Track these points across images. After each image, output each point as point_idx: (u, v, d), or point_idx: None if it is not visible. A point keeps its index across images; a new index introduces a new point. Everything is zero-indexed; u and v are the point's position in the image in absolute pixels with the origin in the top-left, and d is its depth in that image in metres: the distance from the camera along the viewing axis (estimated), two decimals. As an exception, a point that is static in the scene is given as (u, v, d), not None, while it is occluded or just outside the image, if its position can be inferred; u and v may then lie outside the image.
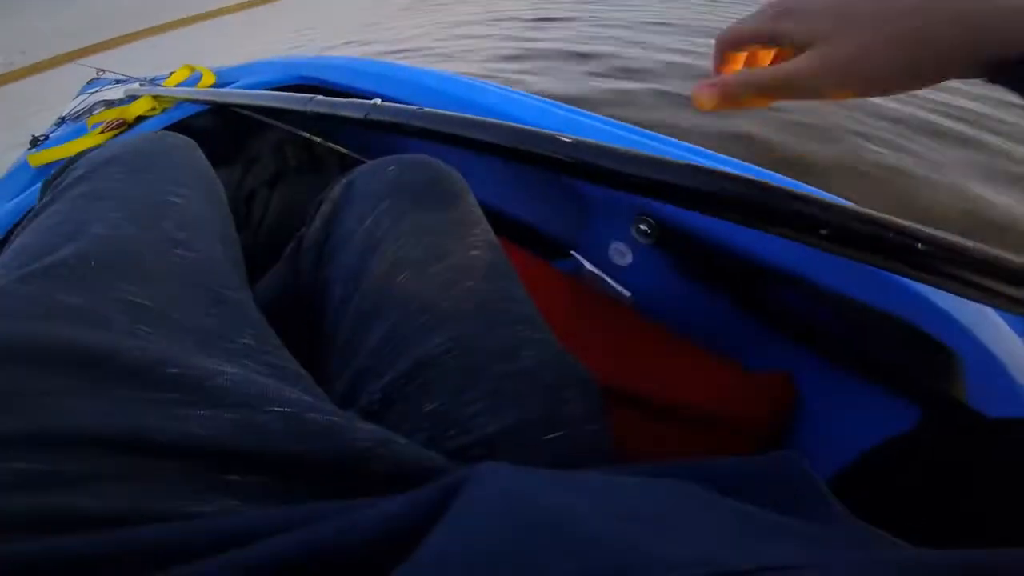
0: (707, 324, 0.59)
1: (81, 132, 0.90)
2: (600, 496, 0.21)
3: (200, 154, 0.47)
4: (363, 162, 0.48)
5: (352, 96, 0.60)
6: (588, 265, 0.66)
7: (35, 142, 0.95)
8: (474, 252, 0.39)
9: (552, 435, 0.32)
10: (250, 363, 0.30)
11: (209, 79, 0.99)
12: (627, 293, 0.64)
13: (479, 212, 0.43)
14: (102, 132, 0.85)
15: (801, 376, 0.53)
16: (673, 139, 0.64)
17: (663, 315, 0.61)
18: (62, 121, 1.02)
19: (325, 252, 0.44)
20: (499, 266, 0.39)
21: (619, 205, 0.63)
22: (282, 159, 0.97)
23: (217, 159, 0.53)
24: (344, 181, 0.46)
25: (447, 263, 0.38)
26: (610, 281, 0.65)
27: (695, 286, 0.60)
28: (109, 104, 0.95)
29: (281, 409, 0.25)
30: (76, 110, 1.01)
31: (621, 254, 0.65)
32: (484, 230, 0.42)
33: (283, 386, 0.27)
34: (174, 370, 0.25)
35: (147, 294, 0.29)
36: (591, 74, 2.44)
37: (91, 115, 0.92)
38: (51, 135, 0.97)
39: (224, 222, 0.42)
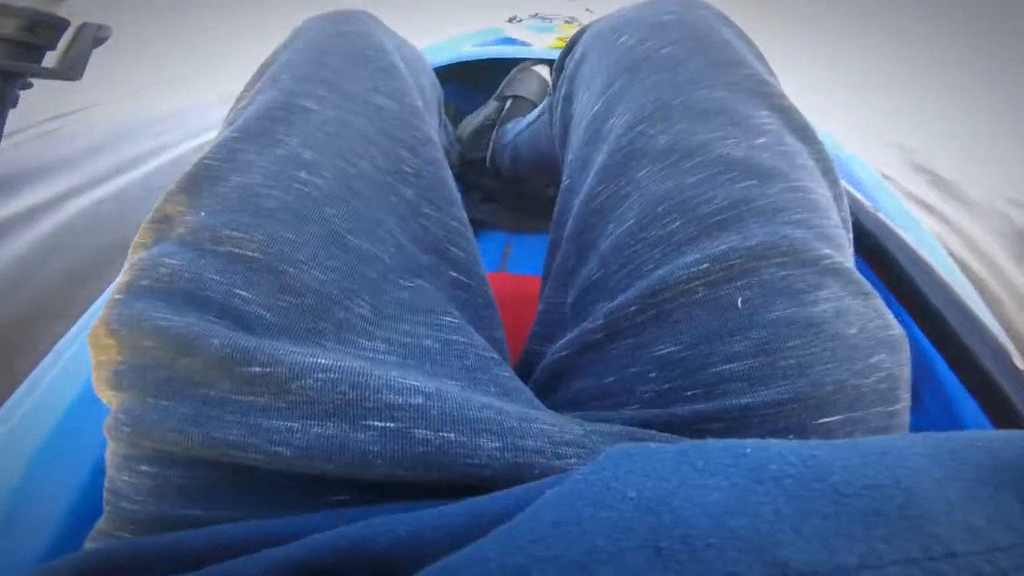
0: None
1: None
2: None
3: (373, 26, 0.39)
4: None
5: None
6: None
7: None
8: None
9: (829, 419, 0.23)
10: (365, 341, 0.26)
11: None
12: None
13: None
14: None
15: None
16: None
17: None
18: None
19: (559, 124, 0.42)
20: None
21: None
22: None
23: None
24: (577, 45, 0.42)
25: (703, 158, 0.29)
26: None
27: None
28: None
29: (383, 424, 0.21)
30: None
31: None
32: None
33: (400, 376, 0.22)
34: (257, 369, 0.22)
35: (254, 238, 0.25)
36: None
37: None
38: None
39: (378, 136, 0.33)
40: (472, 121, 0.86)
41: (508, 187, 0.86)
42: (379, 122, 0.33)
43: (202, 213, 0.26)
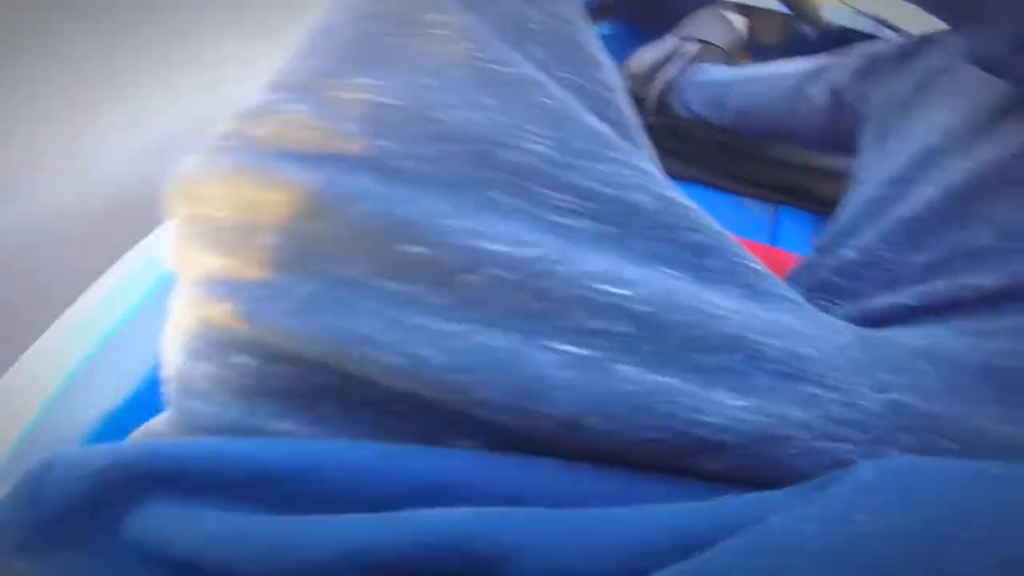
0: None
1: None
2: None
3: None
4: None
5: None
6: None
7: None
8: None
9: None
10: (549, 191, 0.19)
11: None
12: None
13: None
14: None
15: None
16: None
17: None
18: None
19: None
20: None
21: None
22: None
23: None
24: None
25: None
26: None
27: None
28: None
29: (574, 349, 0.16)
30: None
31: None
32: None
33: (602, 273, 0.17)
34: (417, 249, 0.17)
35: (390, 84, 0.21)
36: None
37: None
38: None
39: None
40: (646, 56, 0.77)
41: (669, 129, 0.78)
42: None
43: (323, 60, 0.21)
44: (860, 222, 0.33)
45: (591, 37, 0.28)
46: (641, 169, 0.21)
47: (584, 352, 0.16)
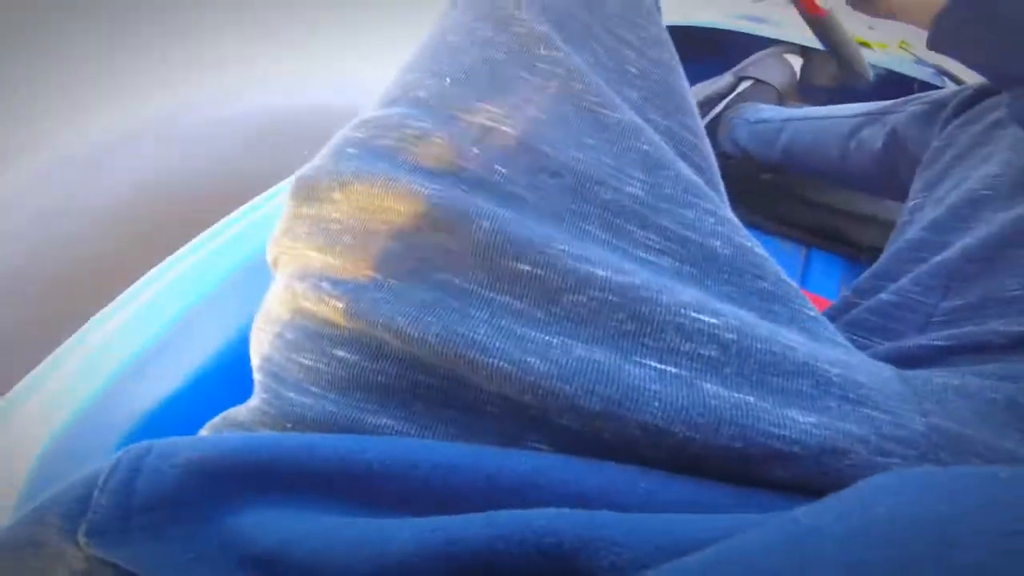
0: None
1: None
2: None
3: None
4: None
5: None
6: None
7: None
8: None
9: None
10: (637, 229, 0.21)
11: None
12: None
13: None
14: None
15: None
16: None
17: None
18: None
19: None
20: None
21: None
22: None
23: None
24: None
25: None
26: None
27: None
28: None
29: (662, 367, 0.17)
30: None
31: None
32: None
33: (693, 303, 0.18)
34: (525, 267, 0.18)
35: (508, 114, 0.23)
36: None
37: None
38: None
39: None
40: (700, 90, 0.79)
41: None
42: (600, 17, 0.29)
43: (447, 80, 0.23)
44: (899, 265, 0.35)
45: (683, 82, 0.29)
46: (722, 217, 0.22)
47: (674, 370, 0.17)
